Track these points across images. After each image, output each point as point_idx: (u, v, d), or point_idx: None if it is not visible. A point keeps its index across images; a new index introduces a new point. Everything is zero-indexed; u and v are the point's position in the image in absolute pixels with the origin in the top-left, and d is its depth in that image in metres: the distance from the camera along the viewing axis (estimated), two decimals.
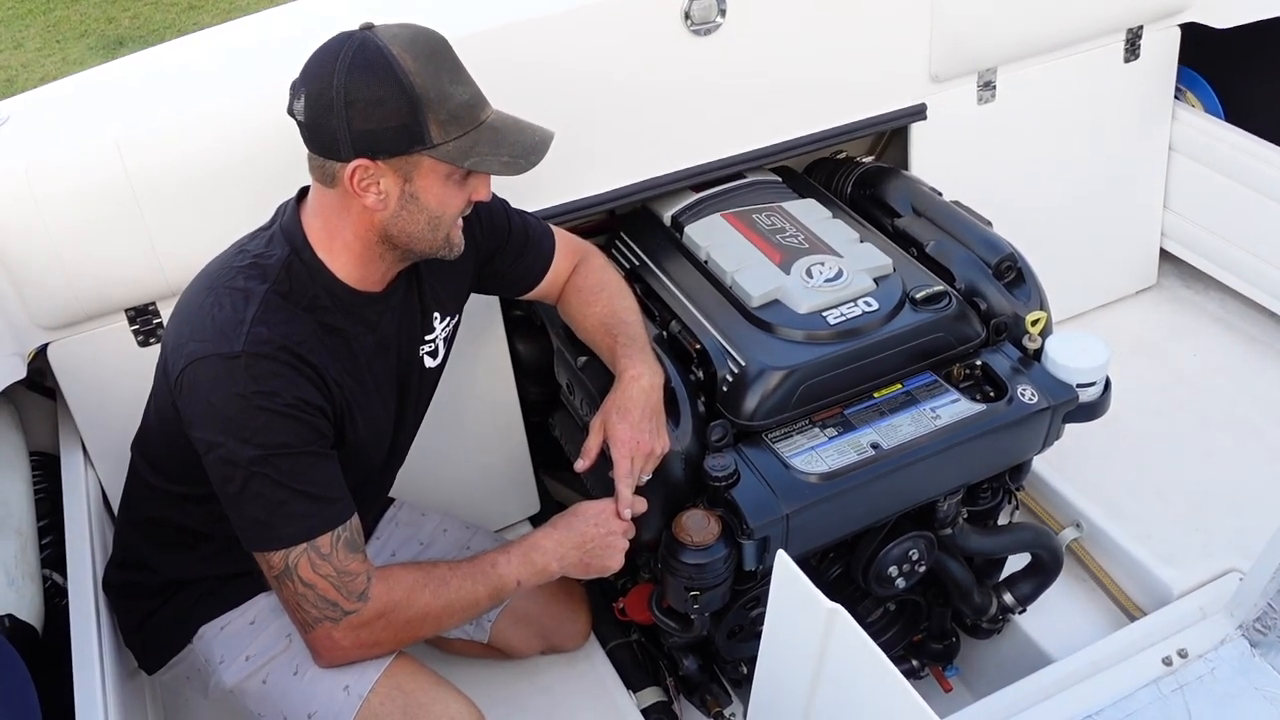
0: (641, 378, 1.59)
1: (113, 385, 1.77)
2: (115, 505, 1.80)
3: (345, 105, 1.30)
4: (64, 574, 1.65)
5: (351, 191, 1.36)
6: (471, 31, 1.76)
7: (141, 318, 1.76)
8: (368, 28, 1.33)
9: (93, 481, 1.82)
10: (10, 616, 1.50)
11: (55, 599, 1.67)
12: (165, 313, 1.76)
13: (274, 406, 1.34)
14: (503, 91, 1.43)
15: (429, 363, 1.64)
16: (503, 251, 1.70)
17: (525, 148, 1.38)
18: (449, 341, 1.68)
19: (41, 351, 1.75)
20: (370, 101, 1.29)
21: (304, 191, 1.47)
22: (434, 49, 1.34)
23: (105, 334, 1.76)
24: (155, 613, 1.61)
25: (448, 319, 1.66)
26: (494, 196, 1.68)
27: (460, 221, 1.46)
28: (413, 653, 1.58)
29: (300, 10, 2.00)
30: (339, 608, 1.41)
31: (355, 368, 1.48)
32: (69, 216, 1.63)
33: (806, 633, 1.27)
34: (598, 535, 1.54)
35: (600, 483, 1.62)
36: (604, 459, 1.58)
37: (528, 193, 1.83)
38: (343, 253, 1.43)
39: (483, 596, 1.50)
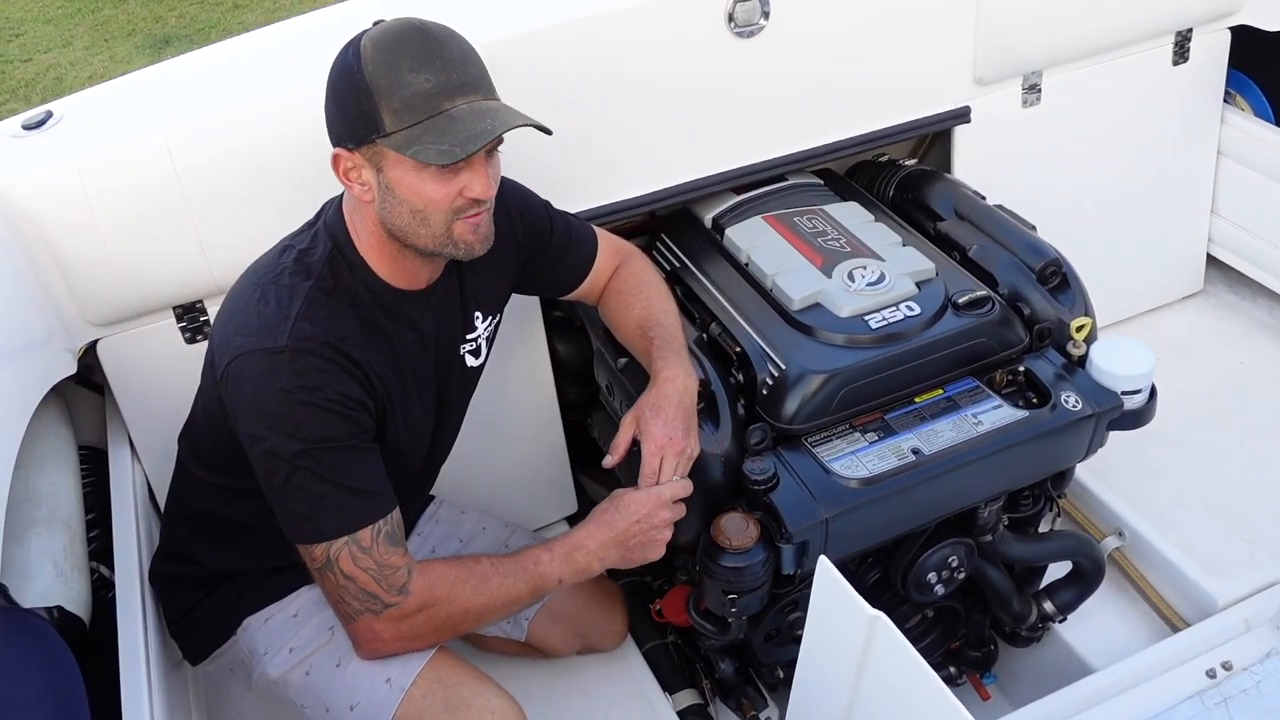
0: (676, 379, 1.59)
1: (160, 381, 1.80)
2: (161, 499, 1.83)
3: (328, 99, 1.38)
4: (111, 566, 1.68)
5: (342, 181, 1.40)
6: (515, 33, 1.77)
7: (189, 315, 1.79)
8: (375, 25, 1.36)
9: (139, 475, 1.85)
10: (59, 608, 1.52)
11: (102, 591, 1.69)
12: (212, 311, 1.78)
13: (317, 401, 1.36)
14: (545, 93, 1.43)
15: (470, 361, 1.66)
16: (544, 253, 1.71)
17: (467, 136, 1.32)
18: (491, 341, 1.69)
19: (91, 347, 1.78)
20: (338, 93, 1.36)
21: None
22: (403, 39, 1.33)
23: (153, 331, 1.78)
24: (200, 605, 1.63)
25: (490, 319, 1.67)
26: (536, 198, 1.70)
27: (477, 220, 1.42)
28: (450, 648, 1.59)
29: (347, 11, 2.02)
30: (379, 600, 1.42)
31: (397, 364, 1.50)
32: (120, 215, 1.66)
33: (848, 639, 1.26)
34: (639, 531, 1.54)
35: (631, 480, 1.62)
36: (633, 456, 1.58)
37: (569, 194, 1.84)
38: (370, 250, 1.46)
39: (524, 593, 1.51)
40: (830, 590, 1.29)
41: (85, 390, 1.96)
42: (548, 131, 1.41)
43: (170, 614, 1.66)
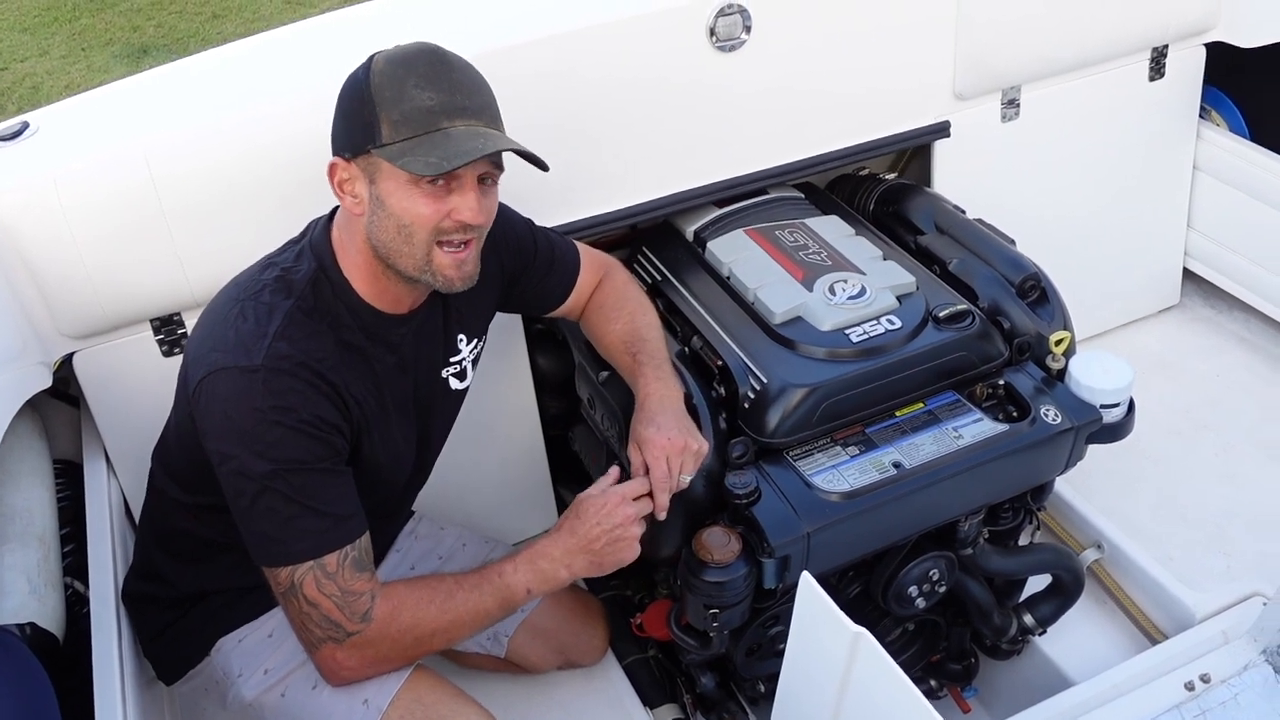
0: (655, 393, 1.59)
1: (136, 394, 1.78)
2: (137, 514, 1.81)
3: (335, 110, 1.39)
4: (85, 582, 1.66)
5: (335, 192, 1.40)
6: (496, 48, 1.77)
7: (166, 328, 1.77)
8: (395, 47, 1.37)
9: (115, 490, 1.83)
10: (32, 625, 1.51)
11: (76, 607, 1.67)
12: (190, 323, 1.77)
13: (289, 422, 1.34)
14: (526, 107, 1.43)
15: (455, 384, 1.65)
16: (529, 273, 1.70)
17: (456, 151, 1.32)
18: (475, 363, 1.68)
19: (67, 360, 1.76)
20: (344, 103, 1.38)
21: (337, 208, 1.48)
22: (415, 58, 1.35)
23: (130, 344, 1.77)
24: (174, 624, 1.61)
25: (474, 341, 1.66)
26: (518, 217, 1.69)
27: (460, 255, 1.41)
28: (429, 666, 1.58)
29: (327, 21, 2.01)
30: (342, 629, 1.40)
31: (375, 387, 1.48)
32: (96, 227, 1.65)
33: (830, 656, 1.26)
34: (601, 532, 1.49)
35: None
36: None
37: (551, 207, 1.84)
38: (354, 270, 1.44)
39: (492, 608, 1.49)
40: (813, 606, 1.29)
41: (60, 403, 1.94)
42: (544, 167, 1.41)
43: (144, 634, 1.64)
